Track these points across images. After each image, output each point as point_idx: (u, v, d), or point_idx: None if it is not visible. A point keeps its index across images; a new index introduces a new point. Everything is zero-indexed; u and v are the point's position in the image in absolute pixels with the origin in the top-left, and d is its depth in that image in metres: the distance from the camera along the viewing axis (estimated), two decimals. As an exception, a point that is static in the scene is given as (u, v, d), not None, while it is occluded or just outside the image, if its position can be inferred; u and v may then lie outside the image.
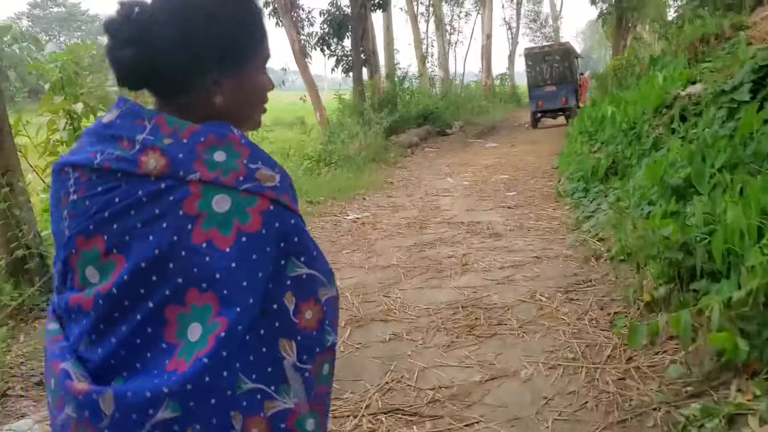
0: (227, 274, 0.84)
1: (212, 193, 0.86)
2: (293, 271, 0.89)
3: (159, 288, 0.85)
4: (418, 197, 8.07)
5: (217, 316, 0.83)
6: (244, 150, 0.90)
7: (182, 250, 0.84)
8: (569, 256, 4.98)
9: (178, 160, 0.86)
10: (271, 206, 0.87)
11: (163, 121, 0.89)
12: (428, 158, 12.11)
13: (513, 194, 7.94)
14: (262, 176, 0.89)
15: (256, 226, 0.86)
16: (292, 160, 10.53)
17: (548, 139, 14.51)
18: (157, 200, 0.85)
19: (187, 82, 0.93)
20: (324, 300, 0.92)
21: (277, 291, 0.88)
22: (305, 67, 12.50)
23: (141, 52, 0.89)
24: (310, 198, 7.76)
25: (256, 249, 0.85)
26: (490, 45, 27.31)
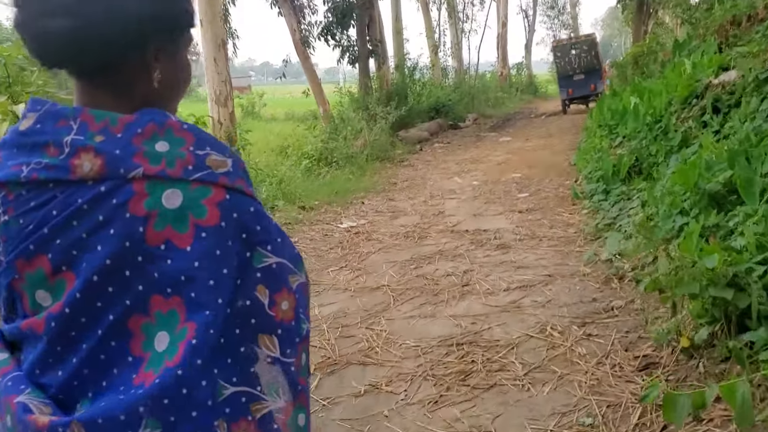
0: (191, 274, 0.78)
1: (160, 188, 0.77)
2: (261, 262, 0.82)
3: (118, 299, 0.78)
4: (421, 200, 7.40)
5: (185, 322, 0.77)
6: (187, 136, 0.82)
7: (137, 255, 0.77)
8: (587, 275, 4.29)
9: (116, 158, 0.78)
10: (227, 195, 0.80)
11: (90, 117, 0.81)
12: (437, 155, 11.42)
13: (525, 196, 7.23)
14: (213, 162, 0.81)
15: (214, 220, 0.79)
16: (290, 159, 9.90)
17: (564, 132, 13.72)
18: (99, 206, 0.77)
19: (124, 56, 0.83)
20: (295, 287, 0.86)
21: (247, 285, 0.81)
22: (306, 59, 11.84)
23: (74, 23, 0.78)
24: (303, 203, 7.13)
25: (218, 244, 0.79)
26: (506, 33, 26.41)
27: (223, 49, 7.20)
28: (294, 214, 6.55)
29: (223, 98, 7.26)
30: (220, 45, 7.18)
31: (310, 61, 11.93)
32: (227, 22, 11.35)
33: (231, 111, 7.35)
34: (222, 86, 7.25)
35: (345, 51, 13.39)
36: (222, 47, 7.19)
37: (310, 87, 11.96)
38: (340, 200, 7.40)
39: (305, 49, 11.84)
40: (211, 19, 7.13)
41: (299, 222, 6.32)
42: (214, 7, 7.11)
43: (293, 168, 9.58)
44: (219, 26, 7.17)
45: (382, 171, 9.61)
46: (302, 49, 11.71)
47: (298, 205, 7.04)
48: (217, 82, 7.20)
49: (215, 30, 7.15)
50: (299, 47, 11.66)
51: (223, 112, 7.30)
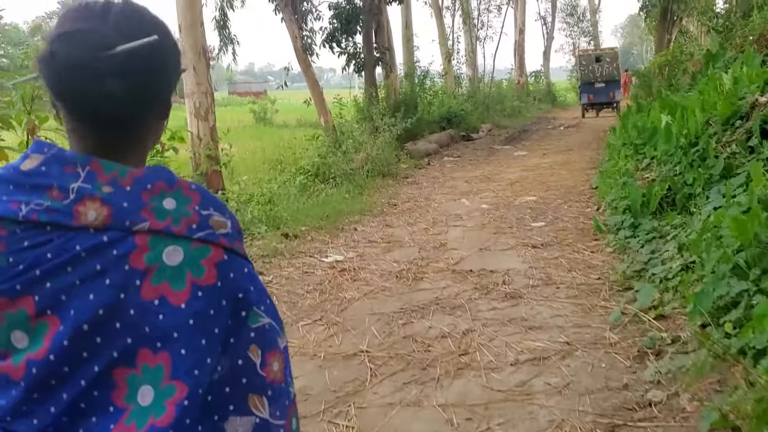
0: (184, 332, 0.77)
1: (162, 244, 0.79)
2: (256, 322, 0.83)
3: (105, 350, 0.76)
4: (421, 227, 6.58)
5: (172, 379, 0.76)
6: (194, 196, 0.84)
7: (130, 308, 0.77)
8: (614, 345, 3.45)
9: (123, 210, 0.79)
10: (225, 256, 0.82)
11: (99, 167, 0.81)
12: (445, 170, 10.58)
13: (540, 225, 6.38)
14: (215, 223, 0.84)
15: (211, 279, 0.80)
16: (285, 173, 9.13)
17: (585, 147, 12.83)
18: (99, 255, 0.77)
19: (148, 117, 0.88)
20: (282, 348, 0.87)
21: (240, 345, 0.82)
22: (308, 67, 11.07)
23: (129, 85, 0.81)
24: (288, 228, 6.34)
25: (212, 304, 0.79)
26: (523, 40, 25.54)
27: (204, 57, 6.46)
28: (275, 243, 5.76)
29: (203, 111, 6.51)
30: (200, 53, 6.43)
31: (311, 70, 11.17)
32: (226, 27, 10.66)
33: (212, 125, 6.60)
34: (203, 98, 6.50)
35: (351, 58, 12.64)
36: (202, 55, 6.45)
37: (312, 96, 11.21)
38: (330, 225, 6.60)
39: (307, 57, 11.08)
40: (190, 25, 6.39)
41: (278, 254, 5.52)
42: (193, 11, 6.37)
43: (287, 184, 8.82)
44: (199, 32, 6.43)
45: (383, 189, 8.79)
46: (303, 57, 10.96)
47: (282, 231, 6.25)
48: (197, 93, 6.46)
49: (195, 36, 6.40)
50: (300, 54, 10.91)
51: (204, 127, 6.55)
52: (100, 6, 0.83)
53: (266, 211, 6.66)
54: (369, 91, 12.11)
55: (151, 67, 0.83)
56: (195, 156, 6.56)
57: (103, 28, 0.80)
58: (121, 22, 0.82)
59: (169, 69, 0.87)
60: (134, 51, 0.80)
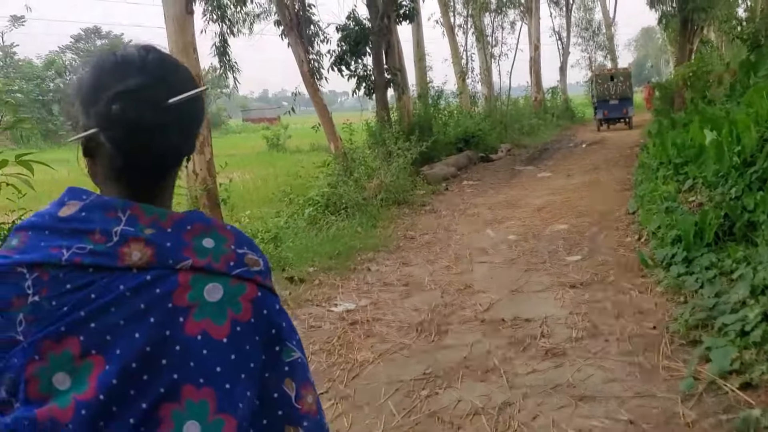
0: (227, 367, 0.79)
1: (203, 282, 0.81)
2: (290, 357, 0.86)
3: (152, 387, 0.77)
4: (443, 265, 5.90)
5: (218, 413, 0.77)
6: (229, 235, 0.87)
7: (176, 344, 0.78)
8: (693, 425, 2.74)
9: (166, 249, 0.81)
10: (259, 293, 0.85)
11: (140, 212, 0.83)
12: (465, 196, 9.91)
13: (577, 260, 5.67)
14: (250, 261, 0.87)
15: (247, 315, 0.83)
16: (292, 206, 8.53)
17: (612, 165, 12.09)
18: (142, 294, 0.79)
19: (179, 165, 0.91)
20: (312, 383, 0.90)
21: (275, 378, 0.84)
22: (316, 91, 10.54)
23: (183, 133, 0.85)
24: (294, 271, 5.71)
25: (248, 339, 0.82)
26: (539, 56, 24.93)
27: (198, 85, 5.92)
28: (278, 290, 5.10)
29: (198, 144, 5.94)
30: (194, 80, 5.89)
31: (319, 94, 10.63)
32: (225, 54, 10.18)
33: (209, 158, 6.03)
34: (197, 129, 5.96)
35: (361, 81, 12.08)
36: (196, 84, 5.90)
37: (321, 121, 10.66)
38: (341, 265, 5.94)
39: (314, 81, 10.55)
40: (182, 50, 5.85)
41: (283, 303, 4.86)
42: (185, 36, 5.84)
43: (296, 217, 8.22)
44: (192, 58, 5.89)
45: (399, 220, 8.13)
46: (311, 81, 10.43)
47: (287, 274, 5.61)
48: (190, 124, 5.92)
49: (188, 64, 5.83)
50: (308, 79, 10.38)
51: (200, 160, 5.98)
52: (137, 58, 0.84)
53: (270, 251, 6.04)
54: (381, 114, 11.53)
55: (193, 115, 0.87)
56: (191, 193, 5.99)
57: (151, 81, 0.82)
58: (163, 73, 0.84)
59: (202, 115, 0.90)
60: (186, 102, 0.83)
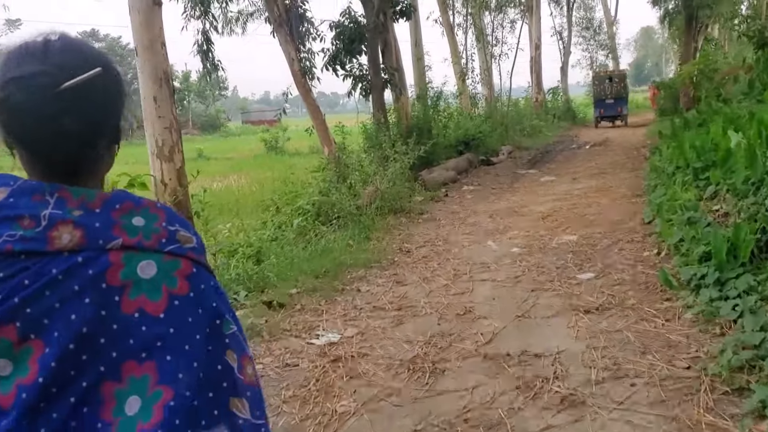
0: (167, 340, 0.80)
1: (136, 259, 0.82)
2: (229, 329, 0.86)
3: (91, 366, 0.78)
4: (441, 283, 5.29)
5: (158, 385, 0.78)
6: (161, 213, 0.88)
7: (113, 323, 0.79)
8: None
9: (95, 230, 0.81)
10: (194, 269, 0.85)
11: (68, 194, 0.84)
12: (465, 203, 9.30)
13: (589, 278, 5.07)
14: (182, 238, 0.87)
15: (184, 290, 0.83)
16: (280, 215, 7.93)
17: (619, 168, 11.48)
18: (75, 276, 0.79)
19: (99, 145, 0.90)
20: (250, 356, 0.90)
21: (218, 351, 0.84)
22: (308, 92, 9.93)
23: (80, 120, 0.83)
24: (274, 293, 5.10)
25: (189, 312, 0.83)
26: (539, 56, 24.33)
27: (167, 84, 5.32)
28: (252, 318, 4.52)
29: (167, 150, 5.34)
30: (161, 79, 5.29)
31: (311, 95, 10.03)
32: (209, 51, 9.59)
33: (179, 167, 5.42)
34: (166, 134, 5.33)
35: (357, 81, 11.50)
36: (165, 82, 5.30)
37: (313, 124, 10.06)
38: (327, 285, 5.34)
39: (306, 81, 9.95)
40: (148, 46, 5.25)
41: (256, 334, 4.27)
42: (152, 30, 5.23)
43: (284, 228, 7.62)
44: (160, 55, 5.29)
45: (395, 230, 7.53)
46: (302, 81, 9.83)
47: (266, 297, 5.01)
48: (158, 129, 5.30)
49: (155, 60, 5.27)
50: (299, 79, 9.79)
51: (169, 169, 5.38)
52: (40, 46, 0.84)
53: (247, 270, 5.44)
54: (377, 116, 10.93)
55: (97, 99, 0.85)
56: (161, 205, 5.40)
57: (48, 68, 0.81)
58: (64, 59, 0.83)
59: (115, 98, 0.89)
60: (80, 86, 0.81)
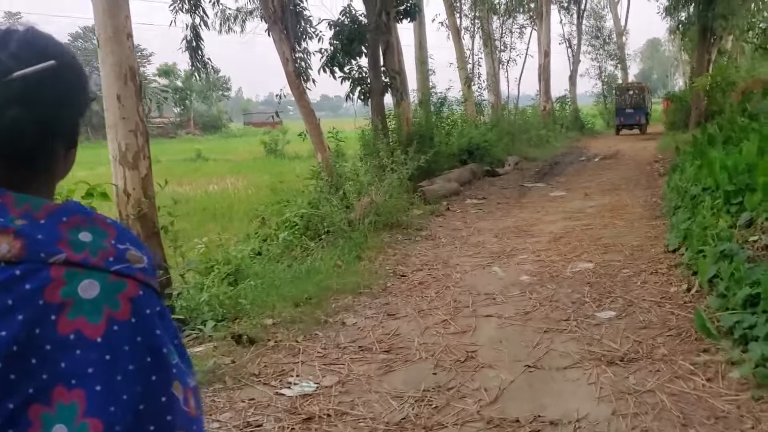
0: (100, 367, 0.74)
1: (79, 277, 0.76)
2: (175, 359, 0.80)
3: (20, 387, 0.72)
4: (438, 317, 4.61)
5: (84, 417, 0.73)
6: (111, 230, 0.82)
7: (47, 343, 0.74)
8: None
9: (38, 242, 0.76)
10: (140, 291, 0.79)
11: (10, 200, 0.78)
12: (468, 218, 8.62)
13: (610, 317, 4.39)
14: (132, 257, 0.81)
15: (126, 314, 0.77)
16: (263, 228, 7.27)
17: (633, 184, 10.81)
18: (10, 289, 0.74)
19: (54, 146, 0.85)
20: (192, 388, 0.82)
21: (162, 381, 0.77)
22: (302, 94, 9.27)
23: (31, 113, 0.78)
24: (246, 324, 4.42)
25: (128, 339, 0.76)
26: (548, 64, 23.67)
27: (132, 82, 4.65)
28: (215, 358, 3.83)
29: (131, 156, 4.67)
30: (126, 76, 4.63)
31: (305, 98, 9.36)
32: (199, 48, 8.93)
33: (145, 175, 4.75)
34: (131, 138, 4.67)
35: (356, 84, 10.84)
36: (130, 80, 4.64)
37: (307, 128, 9.41)
38: (309, 316, 4.66)
39: (300, 83, 9.29)
40: (111, 36, 4.58)
41: (218, 379, 3.59)
42: (116, 19, 4.56)
43: (269, 241, 6.96)
44: (125, 47, 4.62)
45: (389, 249, 6.85)
46: (296, 83, 9.17)
47: (237, 328, 4.33)
48: (122, 131, 4.63)
49: (119, 53, 4.60)
50: (293, 80, 9.13)
51: (132, 177, 4.71)
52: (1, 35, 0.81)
53: (219, 295, 4.77)
54: (375, 121, 10.26)
55: (50, 94, 0.80)
56: (122, 218, 4.72)
57: (2, 57, 0.78)
58: (22, 49, 0.80)
59: (74, 95, 0.85)
60: (35, 78, 0.78)
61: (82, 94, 0.86)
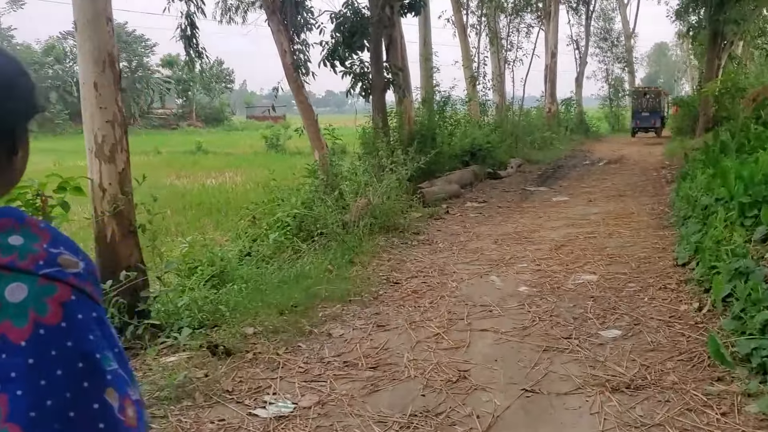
0: (23, 372, 0.72)
1: (5, 280, 0.74)
2: (110, 365, 0.77)
3: None
4: (431, 331, 4.31)
5: (6, 422, 0.71)
6: (44, 234, 0.80)
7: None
8: None
9: None
10: (72, 296, 0.77)
11: None
12: (468, 223, 8.31)
13: (615, 336, 4.09)
14: (65, 261, 0.79)
15: (55, 319, 0.74)
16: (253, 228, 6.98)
17: (638, 190, 10.50)
18: None
19: None
20: (135, 400, 0.80)
21: (95, 388, 0.75)
22: (300, 88, 8.94)
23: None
24: (225, 332, 4.13)
25: (55, 344, 0.73)
26: (555, 64, 23.31)
27: (112, 68, 4.35)
28: (189, 370, 3.53)
29: (108, 149, 4.37)
30: (105, 62, 4.34)
31: (303, 92, 9.05)
32: (194, 37, 8.61)
33: (122, 169, 4.45)
34: (108, 129, 4.36)
35: (357, 79, 10.52)
36: (109, 66, 4.35)
37: (304, 124, 9.09)
38: (293, 325, 4.37)
39: (298, 76, 8.98)
40: (90, 20, 4.29)
41: (188, 395, 3.29)
42: (94, 3, 4.28)
43: (259, 242, 6.66)
44: (104, 32, 4.32)
45: (384, 253, 6.54)
46: (294, 76, 8.86)
47: (214, 337, 4.03)
48: (98, 122, 4.33)
49: (97, 38, 4.30)
50: (290, 73, 8.82)
51: (109, 172, 4.41)
52: None
53: (197, 300, 4.47)
54: (376, 119, 9.94)
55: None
56: (97, 215, 4.42)
57: None
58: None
59: (13, 98, 0.82)
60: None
61: (22, 97, 0.83)
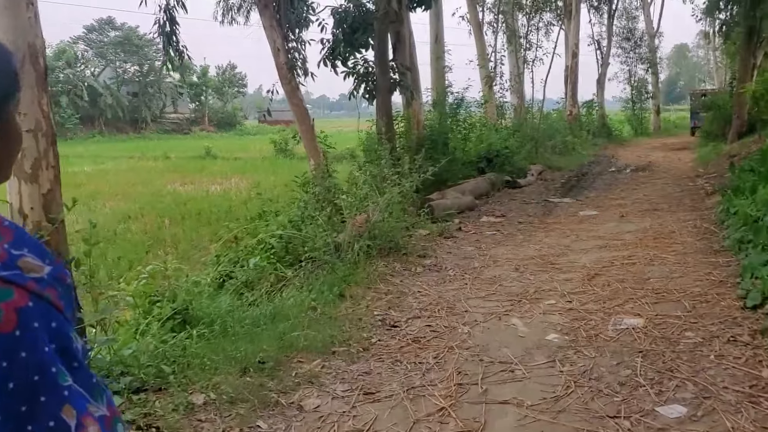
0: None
1: None
2: (66, 381, 0.74)
3: None
4: (433, 404, 3.31)
5: None
6: (6, 233, 0.76)
7: None
8: None
9: None
10: (30, 302, 0.73)
11: None
12: (483, 242, 7.29)
13: (679, 416, 3.06)
14: (26, 265, 0.75)
15: (9, 326, 0.70)
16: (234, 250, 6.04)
17: (674, 202, 9.40)
18: None
19: None
20: (97, 417, 0.76)
21: (51, 404, 0.72)
22: (294, 90, 8.02)
23: None
24: (162, 405, 3.17)
25: (8, 354, 0.69)
26: (576, 65, 22.18)
27: (33, 65, 3.44)
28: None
29: (28, 165, 3.45)
30: (24, 58, 3.43)
31: (298, 94, 8.11)
32: (174, 34, 7.71)
33: (47, 190, 3.53)
34: (29, 140, 3.40)
35: (361, 80, 9.56)
36: (30, 62, 3.43)
37: (299, 129, 8.18)
38: (256, 391, 3.39)
39: (293, 77, 8.04)
40: (6, 6, 3.39)
41: None
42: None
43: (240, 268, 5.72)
44: (24, 21, 3.43)
45: (382, 284, 5.54)
46: (288, 77, 7.92)
47: (155, 406, 3.08)
48: (13, 131, 3.47)
49: (16, 28, 3.41)
50: (284, 74, 7.89)
51: (30, 193, 3.49)
52: None
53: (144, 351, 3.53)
54: (380, 124, 8.97)
55: None
56: (13, 248, 3.53)
57: None
58: None
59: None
60: None
61: None
